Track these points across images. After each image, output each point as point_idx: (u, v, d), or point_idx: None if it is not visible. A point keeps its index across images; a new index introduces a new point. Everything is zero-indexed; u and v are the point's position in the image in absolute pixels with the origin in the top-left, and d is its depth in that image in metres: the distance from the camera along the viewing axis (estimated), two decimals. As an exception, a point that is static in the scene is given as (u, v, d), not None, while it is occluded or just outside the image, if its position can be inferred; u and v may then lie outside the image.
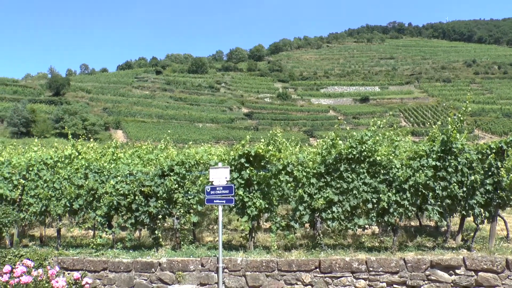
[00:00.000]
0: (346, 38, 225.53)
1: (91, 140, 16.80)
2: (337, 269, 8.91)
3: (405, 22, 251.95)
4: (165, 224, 12.31)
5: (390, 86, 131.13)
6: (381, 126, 10.51)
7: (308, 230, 12.24)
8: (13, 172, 12.16)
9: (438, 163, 9.44)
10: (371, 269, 8.83)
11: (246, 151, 10.06)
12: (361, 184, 9.65)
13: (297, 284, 9.01)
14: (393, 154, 9.95)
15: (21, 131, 73.32)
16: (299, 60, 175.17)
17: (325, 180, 9.88)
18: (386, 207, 9.47)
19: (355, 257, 9.03)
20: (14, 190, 11.94)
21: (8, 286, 8.67)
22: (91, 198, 11.10)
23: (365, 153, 9.66)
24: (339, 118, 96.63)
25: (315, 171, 10.00)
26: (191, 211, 10.54)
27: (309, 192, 9.90)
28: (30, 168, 12.07)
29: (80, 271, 9.78)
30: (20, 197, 11.96)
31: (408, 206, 9.45)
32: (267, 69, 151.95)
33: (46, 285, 8.96)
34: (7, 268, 8.91)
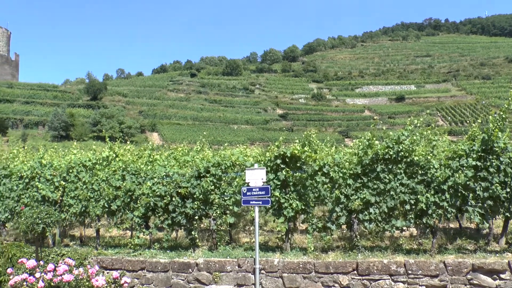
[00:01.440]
0: (380, 36, 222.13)
1: (128, 142, 17.10)
2: (375, 271, 8.78)
3: (441, 19, 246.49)
4: (202, 225, 12.40)
5: (427, 85, 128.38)
6: (418, 125, 10.33)
7: (344, 231, 12.11)
8: (54, 174, 12.49)
9: (478, 163, 9.19)
10: (409, 272, 8.67)
11: (282, 152, 10.06)
12: (398, 184, 9.49)
13: (334, 286, 8.94)
14: (431, 154, 9.76)
15: (61, 134, 75.23)
16: (333, 60, 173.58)
17: (362, 181, 9.77)
18: (424, 208, 9.28)
19: (393, 260, 8.89)
20: (55, 191, 12.27)
21: (52, 284, 8.93)
22: (128, 199, 11.29)
23: (402, 153, 9.51)
24: (374, 118, 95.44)
25: (351, 171, 9.91)
26: (227, 212, 10.59)
27: (345, 193, 9.82)
28: (70, 170, 12.38)
29: (118, 271, 9.96)
30: (61, 198, 12.29)
31: (447, 207, 9.23)
32: (301, 69, 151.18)
33: (87, 283, 9.17)
34: (50, 266, 9.19)
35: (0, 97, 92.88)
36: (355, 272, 8.89)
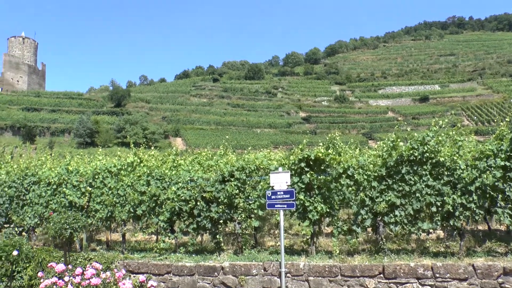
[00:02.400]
0: (403, 36, 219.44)
1: (152, 148, 17.26)
2: (402, 275, 8.66)
3: (465, 16, 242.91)
4: (226, 229, 12.45)
5: (451, 84, 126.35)
6: (443, 126, 10.19)
7: (370, 234, 12.02)
8: (80, 180, 12.70)
9: (507, 163, 8.99)
10: (437, 275, 8.53)
11: (306, 155, 10.03)
12: (424, 186, 9.37)
13: (361, 290, 8.85)
14: (457, 155, 9.60)
15: (86, 141, 76.44)
16: (355, 62, 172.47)
17: (387, 183, 9.68)
18: (451, 210, 9.13)
19: (420, 263, 8.75)
20: (82, 197, 12.47)
21: (80, 287, 9.09)
22: (153, 204, 11.40)
23: (427, 154, 9.39)
24: (398, 119, 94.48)
25: (376, 174, 9.82)
26: (252, 216, 10.61)
27: (370, 195, 9.75)
28: (96, 176, 12.56)
29: (145, 274, 10.07)
30: (87, 203, 12.47)
31: (475, 209, 9.06)
32: (323, 72, 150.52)
33: (114, 287, 9.31)
34: (78, 270, 9.37)
35: (28, 105, 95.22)
36: (382, 275, 8.79)
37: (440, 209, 9.29)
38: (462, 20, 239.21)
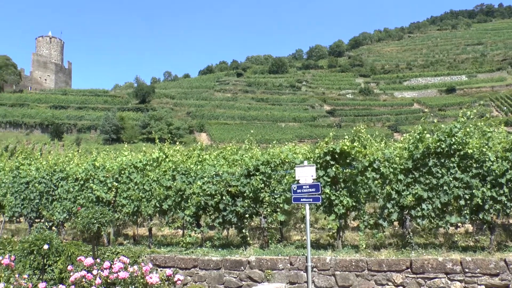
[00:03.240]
0: (428, 26, 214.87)
1: (177, 143, 17.38)
2: (430, 269, 8.52)
3: (494, 3, 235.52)
4: (252, 223, 12.46)
5: (479, 74, 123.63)
6: (471, 117, 9.98)
7: (396, 228, 11.87)
8: (107, 175, 12.87)
9: (540, 155, 8.74)
10: (466, 270, 8.35)
11: (331, 149, 9.94)
12: (451, 179, 9.18)
13: (388, 285, 8.74)
14: (486, 146, 9.38)
15: (112, 137, 77.59)
16: (380, 53, 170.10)
17: (413, 176, 9.53)
18: (481, 203, 8.93)
19: (449, 257, 8.59)
20: (108, 192, 12.65)
21: (108, 281, 9.25)
22: (179, 199, 11.47)
23: (455, 146, 9.20)
24: (425, 110, 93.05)
25: (402, 167, 9.68)
26: (278, 210, 10.58)
27: (397, 189, 9.61)
28: (122, 172, 12.71)
29: (171, 268, 10.16)
30: (114, 198, 12.64)
31: (506, 202, 8.84)
32: (347, 64, 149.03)
33: (141, 280, 9.42)
34: (106, 264, 9.52)
35: (56, 103, 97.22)
36: (409, 270, 8.66)
37: (468, 202, 9.10)
38: (491, 8, 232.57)
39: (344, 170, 9.88)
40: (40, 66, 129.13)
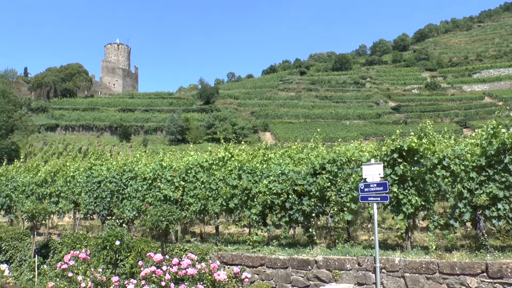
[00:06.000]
0: (501, 14, 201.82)
1: (242, 142, 17.51)
2: (509, 274, 7.93)
3: None
4: (318, 223, 12.31)
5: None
6: (553, 109, 9.33)
7: (469, 229, 11.32)
8: (174, 175, 13.15)
9: None
10: (551, 274, 7.75)
11: (399, 146, 9.62)
12: (530, 177, 8.59)
13: (461, 289, 8.28)
14: None
15: (178, 138, 79.85)
16: (447, 46, 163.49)
17: (487, 173, 9.00)
18: None
19: (531, 261, 8.01)
20: (176, 191, 12.92)
21: (177, 276, 9.46)
22: (245, 198, 11.52)
23: (535, 141, 8.61)
24: (498, 104, 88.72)
25: (474, 164, 9.16)
26: (344, 209, 10.38)
27: (468, 187, 9.10)
28: (189, 171, 12.94)
29: (238, 266, 10.24)
30: (181, 197, 12.89)
31: None
32: (413, 58, 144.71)
33: (209, 277, 9.57)
34: (175, 260, 9.77)
35: (123, 107, 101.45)
36: (485, 274, 8.14)
37: (550, 201, 8.48)
38: None
39: (412, 168, 9.53)
40: (109, 71, 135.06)
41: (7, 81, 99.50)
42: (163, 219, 10.44)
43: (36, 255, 12.65)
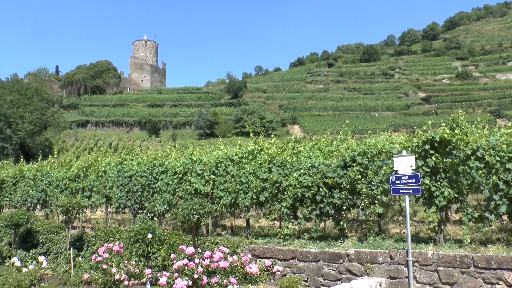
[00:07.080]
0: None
1: (272, 136, 17.51)
2: (549, 268, 7.74)
3: None
4: (349, 215, 12.24)
5: None
6: None
7: (505, 222, 11.07)
8: (204, 169, 13.26)
9: None
10: None
11: (430, 137, 9.46)
12: None
13: (499, 284, 8.05)
14: None
15: (206, 132, 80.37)
16: (479, 33, 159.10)
17: (525, 164, 8.77)
18: None
19: None
20: (206, 184, 13.02)
21: (209, 269, 9.56)
22: (275, 191, 11.53)
23: None
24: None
25: (510, 155, 8.94)
26: (376, 201, 10.29)
27: (504, 179, 8.87)
28: (219, 165, 13.02)
29: (270, 259, 10.28)
30: (211, 191, 12.98)
31: None
32: (443, 47, 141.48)
33: (241, 270, 9.64)
34: (207, 253, 9.87)
35: (152, 102, 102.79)
36: (524, 268, 7.95)
37: None
38: None
39: (444, 160, 9.36)
40: (137, 68, 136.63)
41: (40, 80, 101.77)
42: (194, 212, 10.54)
43: (71, 248, 12.96)
